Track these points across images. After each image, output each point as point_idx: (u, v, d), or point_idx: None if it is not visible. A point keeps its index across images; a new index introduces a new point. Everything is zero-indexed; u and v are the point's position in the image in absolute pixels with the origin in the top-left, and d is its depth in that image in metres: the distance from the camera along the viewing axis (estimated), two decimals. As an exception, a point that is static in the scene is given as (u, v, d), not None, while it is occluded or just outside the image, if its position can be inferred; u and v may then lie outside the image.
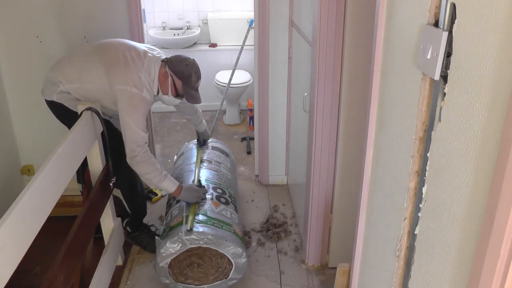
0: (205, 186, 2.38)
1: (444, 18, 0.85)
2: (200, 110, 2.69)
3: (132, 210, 2.48)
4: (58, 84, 2.15)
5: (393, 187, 1.16)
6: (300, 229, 2.66)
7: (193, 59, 2.18)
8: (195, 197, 2.25)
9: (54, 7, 2.64)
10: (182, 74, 2.11)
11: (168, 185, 2.16)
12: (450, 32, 0.83)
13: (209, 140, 2.91)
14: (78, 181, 2.42)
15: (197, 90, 2.18)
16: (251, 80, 4.01)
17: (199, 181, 2.43)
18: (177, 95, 2.18)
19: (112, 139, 2.15)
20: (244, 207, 2.90)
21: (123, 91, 2.04)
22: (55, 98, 2.17)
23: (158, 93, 2.17)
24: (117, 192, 2.39)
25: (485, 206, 0.73)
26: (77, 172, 1.88)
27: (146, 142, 2.09)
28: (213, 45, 4.46)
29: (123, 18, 2.68)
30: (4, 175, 2.77)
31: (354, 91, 1.97)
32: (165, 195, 2.96)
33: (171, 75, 2.13)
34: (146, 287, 2.26)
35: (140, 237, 2.51)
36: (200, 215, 2.16)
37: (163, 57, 2.22)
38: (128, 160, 2.09)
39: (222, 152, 2.89)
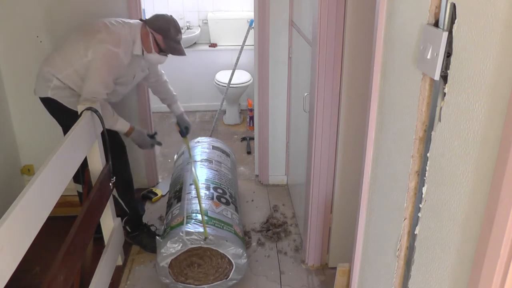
0: (160, 142, 2.53)
1: (444, 18, 0.85)
2: (176, 95, 2.65)
3: (130, 208, 2.48)
4: (51, 79, 2.17)
5: (393, 187, 1.16)
6: (300, 229, 2.66)
7: (171, 15, 2.30)
8: (145, 143, 2.40)
9: (54, 7, 2.64)
10: (160, 28, 2.21)
11: (121, 126, 2.27)
12: (450, 32, 0.83)
13: (209, 138, 2.90)
14: (75, 181, 2.42)
15: (179, 43, 2.26)
16: (251, 80, 4.01)
17: (155, 133, 2.58)
18: (160, 50, 2.25)
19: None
20: (244, 207, 2.90)
21: (99, 46, 2.10)
22: (50, 94, 2.18)
23: (142, 53, 2.25)
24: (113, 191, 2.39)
25: (485, 206, 0.73)
26: (77, 172, 1.89)
27: (104, 99, 2.14)
28: (213, 45, 4.46)
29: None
30: (4, 175, 2.77)
31: (354, 91, 1.97)
32: (165, 194, 2.98)
33: (151, 33, 2.22)
34: (146, 287, 2.26)
35: (140, 237, 2.51)
36: (200, 215, 2.16)
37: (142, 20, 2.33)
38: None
39: (223, 152, 2.89)
